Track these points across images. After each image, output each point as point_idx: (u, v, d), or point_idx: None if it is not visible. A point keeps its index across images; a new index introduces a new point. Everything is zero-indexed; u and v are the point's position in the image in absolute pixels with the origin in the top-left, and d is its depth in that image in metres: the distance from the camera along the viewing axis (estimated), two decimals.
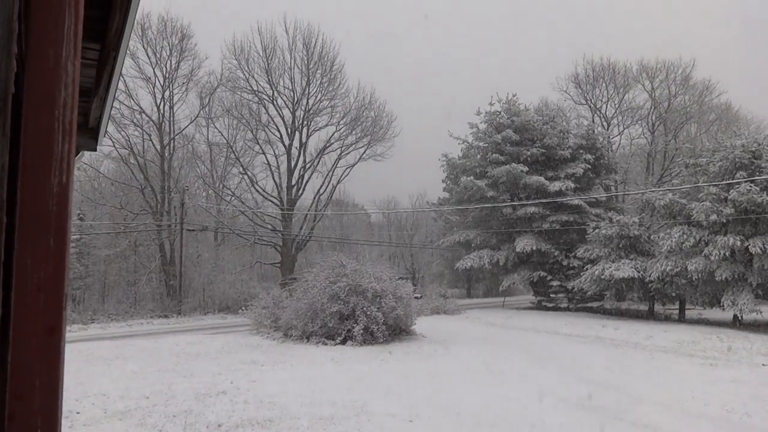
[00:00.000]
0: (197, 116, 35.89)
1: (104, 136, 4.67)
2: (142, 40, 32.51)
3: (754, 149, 23.86)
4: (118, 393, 10.97)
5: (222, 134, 37.85)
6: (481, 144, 36.14)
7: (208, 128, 37.68)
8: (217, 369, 13.81)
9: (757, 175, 23.05)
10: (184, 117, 36.11)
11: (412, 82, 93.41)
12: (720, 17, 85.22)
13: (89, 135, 4.03)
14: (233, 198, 39.71)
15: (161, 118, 33.84)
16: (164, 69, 33.48)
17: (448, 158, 37.28)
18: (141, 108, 33.17)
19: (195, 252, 35.16)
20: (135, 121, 33.09)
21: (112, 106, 3.91)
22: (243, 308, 24.62)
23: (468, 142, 36.94)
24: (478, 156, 36.34)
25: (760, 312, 23.52)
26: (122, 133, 32.37)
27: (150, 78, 33.12)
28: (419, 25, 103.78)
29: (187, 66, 34.28)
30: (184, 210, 33.05)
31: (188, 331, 23.69)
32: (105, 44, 3.01)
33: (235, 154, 37.97)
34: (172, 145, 34.59)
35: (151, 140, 34.01)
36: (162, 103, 33.74)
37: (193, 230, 34.53)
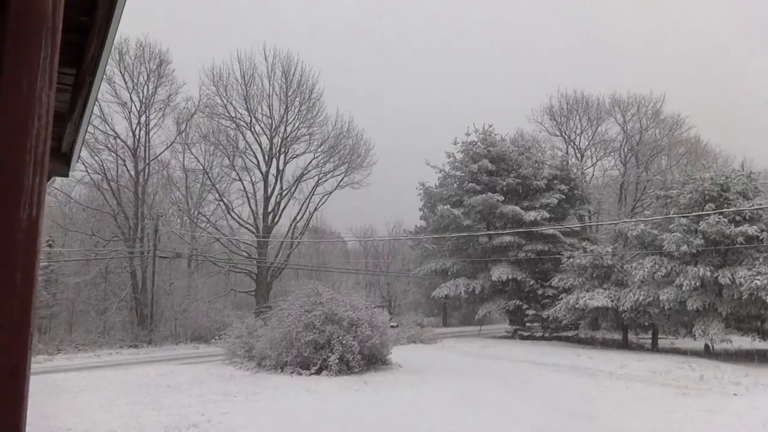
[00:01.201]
0: (173, 142, 35.66)
1: (77, 161, 4.60)
2: (119, 65, 32.34)
3: (722, 182, 24.47)
4: (83, 427, 10.60)
5: (198, 160, 37.63)
6: (457, 173, 36.47)
7: (184, 154, 37.44)
8: (188, 401, 13.45)
9: (725, 207, 23.61)
10: (160, 142, 35.84)
11: (390, 110, 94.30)
12: (691, 55, 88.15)
13: (61, 160, 3.96)
14: (208, 225, 39.28)
15: (136, 144, 33.51)
16: (141, 94, 33.29)
17: (425, 187, 37.51)
18: (116, 133, 32.85)
19: (168, 280, 34.52)
20: (109, 146, 32.73)
21: (86, 132, 3.86)
22: (216, 338, 24.15)
23: (445, 171, 37.25)
24: (455, 185, 36.64)
25: (730, 341, 23.85)
26: (96, 158, 31.98)
27: (126, 103, 32.90)
28: (398, 55, 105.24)
29: (165, 91, 34.18)
30: (158, 237, 32.55)
31: (159, 361, 23.12)
32: (81, 69, 2.98)
33: (211, 181, 37.70)
34: (147, 170, 34.21)
35: (125, 165, 33.61)
36: (138, 128, 33.48)
37: (167, 257, 33.96)
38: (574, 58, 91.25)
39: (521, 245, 33.07)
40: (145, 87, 33.32)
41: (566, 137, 45.45)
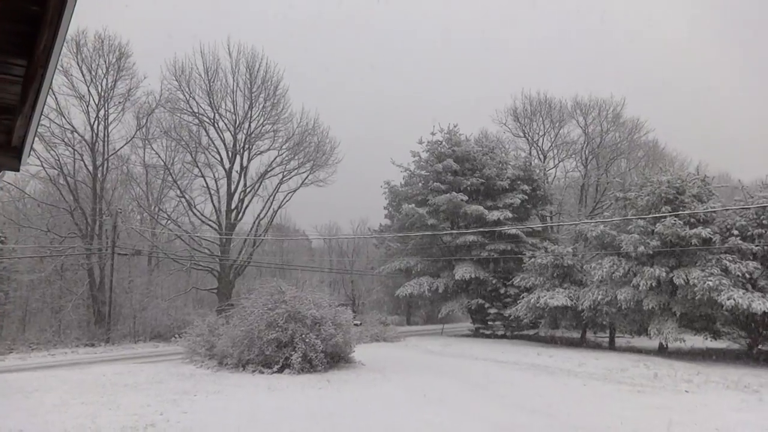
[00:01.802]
0: (133, 137, 34.92)
1: (29, 155, 4.46)
2: (77, 57, 31.48)
3: (678, 185, 25.19)
4: (36, 428, 10.30)
5: (159, 156, 36.95)
6: (422, 172, 36.67)
7: (144, 149, 36.71)
8: (146, 400, 13.19)
9: (681, 210, 24.31)
10: (120, 137, 35.03)
11: (356, 109, 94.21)
12: (651, 58, 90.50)
13: (12, 154, 3.83)
14: (169, 222, 38.59)
15: (95, 138, 32.65)
16: (99, 87, 32.45)
17: (390, 185, 37.60)
18: (73, 127, 31.99)
19: (127, 277, 33.76)
20: (66, 140, 31.81)
21: (38, 125, 3.74)
22: (176, 336, 23.77)
23: (410, 170, 37.42)
24: (420, 184, 36.85)
25: (683, 340, 24.58)
26: (51, 152, 31.05)
27: (84, 96, 32.01)
28: (365, 55, 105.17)
29: (124, 85, 33.40)
30: (117, 233, 31.80)
31: (117, 360, 22.61)
32: (32, 60, 2.89)
33: (172, 177, 37.03)
34: (105, 166, 33.39)
35: (83, 160, 32.73)
36: (96, 122, 32.61)
37: (125, 254, 33.21)
38: (539, 60, 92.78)
39: (484, 245, 33.47)
40: (104, 80, 32.53)
41: (529, 138, 46.18)
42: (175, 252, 38.89)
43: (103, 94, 32.56)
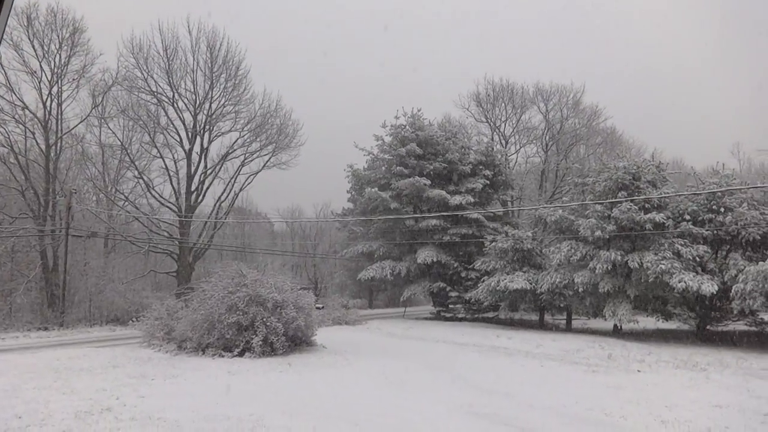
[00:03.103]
0: (89, 115, 33.80)
1: None
2: (28, 31, 30.21)
3: (634, 171, 25.84)
4: None
5: (116, 135, 35.96)
6: (386, 156, 36.64)
7: (100, 128, 35.64)
8: (102, 384, 12.92)
9: (637, 195, 24.98)
10: (74, 115, 33.87)
11: (319, 91, 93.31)
12: (611, 46, 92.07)
13: None
14: (126, 203, 37.66)
15: (47, 116, 31.47)
16: (52, 63, 31.20)
17: (354, 169, 37.46)
18: (24, 103, 30.77)
19: (82, 260, 32.83)
20: (17, 117, 30.58)
21: None
22: (134, 319, 23.31)
23: (373, 154, 37.34)
24: (383, 168, 36.82)
25: (637, 321, 25.42)
26: (1, 129, 29.82)
27: (36, 72, 30.78)
28: (327, 38, 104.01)
29: (79, 61, 32.19)
30: (71, 214, 30.84)
31: (71, 344, 22.04)
32: None
33: (130, 157, 36.10)
34: (59, 144, 32.24)
35: (34, 139, 31.54)
36: (49, 99, 31.41)
37: (81, 236, 32.28)
38: (503, 45, 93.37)
39: (446, 229, 33.76)
40: (57, 56, 31.30)
41: (492, 124, 46.59)
42: (133, 234, 38.03)
43: (56, 70, 31.36)
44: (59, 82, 31.62)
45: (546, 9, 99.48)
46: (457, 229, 33.69)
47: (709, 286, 21.61)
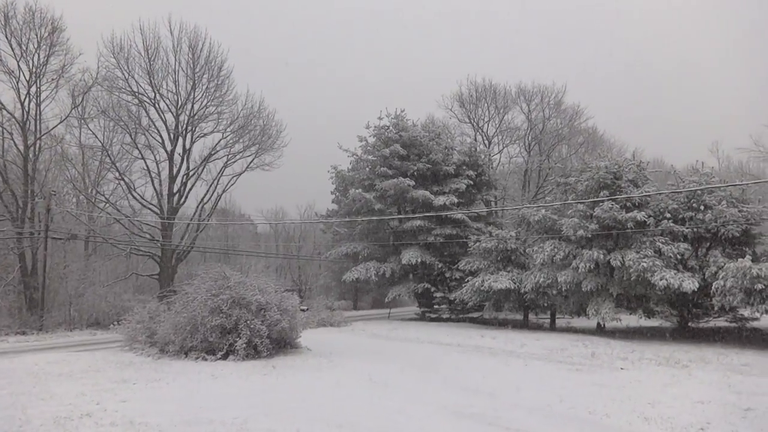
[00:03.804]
0: (68, 116, 33.30)
1: None
2: (5, 30, 29.73)
3: (615, 170, 26.08)
4: None
5: (96, 136, 35.47)
6: (369, 157, 36.57)
7: (80, 129, 35.15)
8: (82, 389, 12.71)
9: (618, 194, 25.21)
10: (53, 116, 33.35)
11: (303, 93, 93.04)
12: (594, 49, 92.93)
13: None
14: (107, 205, 37.17)
15: (26, 116, 30.97)
16: (30, 63, 30.70)
17: (337, 170, 37.34)
18: (1, 104, 30.25)
19: (62, 263, 32.36)
20: None
21: None
22: (115, 323, 22.99)
23: (357, 155, 37.25)
24: (367, 169, 36.75)
25: (620, 320, 25.62)
26: None
27: (13, 72, 30.27)
28: (312, 38, 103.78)
29: (58, 61, 31.67)
30: (50, 216, 30.37)
31: (50, 348, 21.70)
32: None
33: (110, 159, 35.66)
34: (37, 145, 31.72)
35: (12, 140, 31.03)
36: (27, 99, 30.91)
37: (60, 239, 31.81)
38: (485, 46, 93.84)
39: (431, 229, 33.78)
40: (36, 55, 30.80)
41: (475, 124, 46.77)
42: (114, 236, 37.56)
43: (34, 69, 30.86)
44: (38, 82, 31.15)
45: (527, 10, 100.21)
46: (442, 229, 33.73)
47: (690, 284, 21.86)
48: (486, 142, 46.47)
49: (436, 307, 35.57)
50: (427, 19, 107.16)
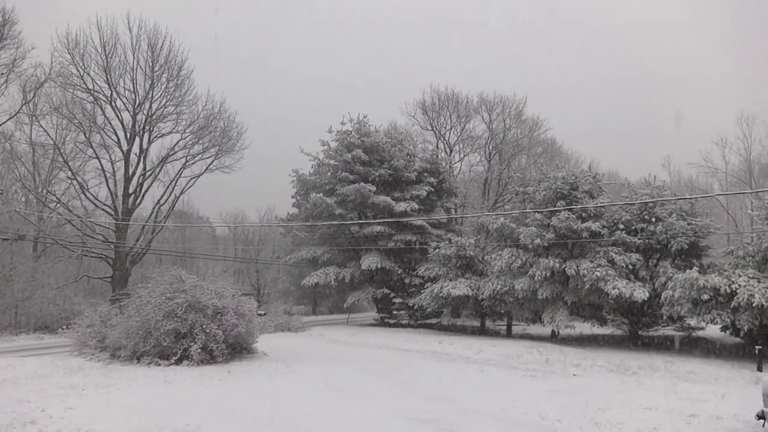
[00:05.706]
0: (18, 112, 32.09)
1: None
2: None
3: (572, 181, 26.71)
4: None
5: (48, 134, 34.18)
6: (331, 162, 36.44)
7: (31, 126, 33.87)
8: (27, 396, 12.25)
9: (574, 205, 25.81)
10: (2, 112, 32.10)
11: (265, 94, 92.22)
12: (557, 62, 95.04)
13: None
14: (58, 205, 35.95)
15: None
16: None
17: (299, 174, 37.09)
18: None
19: (8, 264, 31.11)
20: None
21: None
22: (64, 327, 22.27)
23: (319, 159, 37.08)
24: (329, 173, 36.61)
25: (573, 327, 26.22)
26: None
27: None
28: (276, 41, 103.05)
29: (8, 55, 30.52)
30: None
31: None
32: None
33: (63, 157, 34.49)
34: None
35: None
36: None
37: (7, 239, 30.62)
38: (448, 53, 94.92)
39: (391, 235, 33.87)
40: None
41: (437, 132, 47.13)
42: (65, 238, 36.33)
43: None
44: None
45: (494, 25, 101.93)
46: (402, 235, 33.87)
47: (640, 293, 22.54)
48: (448, 149, 46.92)
49: (395, 312, 35.63)
50: (396, 27, 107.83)
